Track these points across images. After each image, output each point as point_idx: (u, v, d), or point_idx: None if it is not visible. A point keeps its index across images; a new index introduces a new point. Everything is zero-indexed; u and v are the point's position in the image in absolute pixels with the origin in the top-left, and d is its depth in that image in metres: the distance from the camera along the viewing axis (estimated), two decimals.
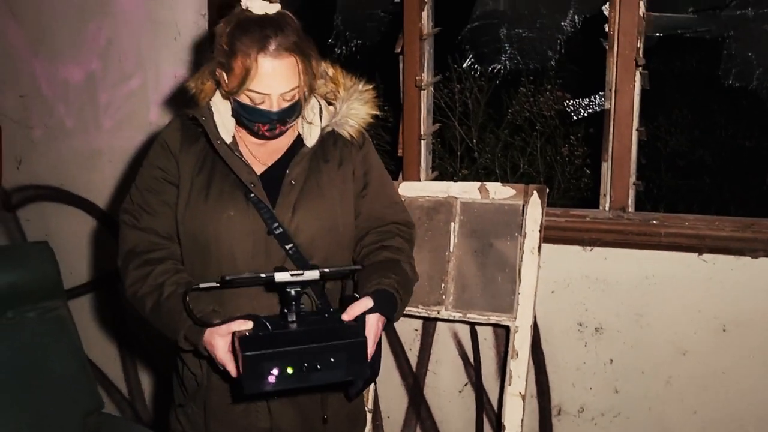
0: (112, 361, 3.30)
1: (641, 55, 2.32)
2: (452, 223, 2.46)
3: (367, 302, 1.55)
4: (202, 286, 1.51)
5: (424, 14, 2.55)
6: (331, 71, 1.75)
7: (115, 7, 2.96)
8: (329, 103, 1.75)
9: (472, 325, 2.59)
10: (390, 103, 2.61)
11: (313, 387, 1.52)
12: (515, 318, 2.34)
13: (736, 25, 2.45)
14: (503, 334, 2.55)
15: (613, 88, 2.35)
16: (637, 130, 2.37)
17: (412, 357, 2.73)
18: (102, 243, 3.22)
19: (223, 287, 1.51)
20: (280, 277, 1.45)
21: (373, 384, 2.42)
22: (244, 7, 1.58)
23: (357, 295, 1.59)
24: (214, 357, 1.54)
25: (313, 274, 1.46)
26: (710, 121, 5.09)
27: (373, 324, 1.55)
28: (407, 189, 2.51)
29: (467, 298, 2.44)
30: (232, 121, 1.69)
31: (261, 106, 1.57)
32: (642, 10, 2.31)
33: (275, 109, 1.57)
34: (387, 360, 2.70)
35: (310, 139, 1.71)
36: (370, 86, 1.77)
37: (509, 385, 2.32)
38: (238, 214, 1.64)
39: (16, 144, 3.29)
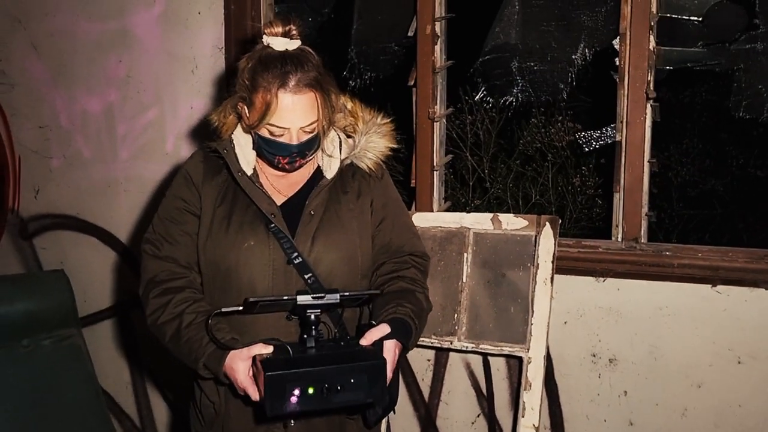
0: (124, 389, 3.30)
1: (652, 89, 2.34)
2: (465, 254, 2.47)
3: (384, 328, 1.57)
4: (225, 310, 1.53)
5: (437, 48, 2.59)
6: (350, 105, 1.79)
7: (134, 40, 3.03)
8: (348, 136, 1.79)
9: (485, 355, 2.59)
10: (403, 135, 2.65)
11: (333, 409, 1.53)
12: (528, 349, 2.33)
13: (746, 59, 2.47)
14: (516, 365, 2.54)
15: (624, 121, 2.38)
16: (648, 161, 2.38)
17: (425, 387, 2.72)
18: (117, 272, 3.25)
19: (245, 311, 1.52)
20: (302, 299, 1.47)
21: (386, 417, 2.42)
22: (265, 44, 1.62)
23: (374, 323, 1.61)
24: (234, 381, 1.55)
25: (333, 297, 1.48)
26: (721, 151, 5.10)
27: (391, 349, 1.56)
28: (420, 219, 2.53)
29: (480, 328, 2.44)
30: (253, 153, 1.73)
31: (281, 139, 1.61)
32: (652, 44, 2.34)
33: (295, 142, 1.61)
34: (399, 390, 2.68)
35: (330, 171, 1.74)
36: (388, 120, 1.81)
37: (522, 416, 2.31)
38: (258, 243, 1.67)
39: (35, 173, 3.35)
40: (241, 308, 1.51)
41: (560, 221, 2.40)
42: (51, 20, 3.19)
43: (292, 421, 1.69)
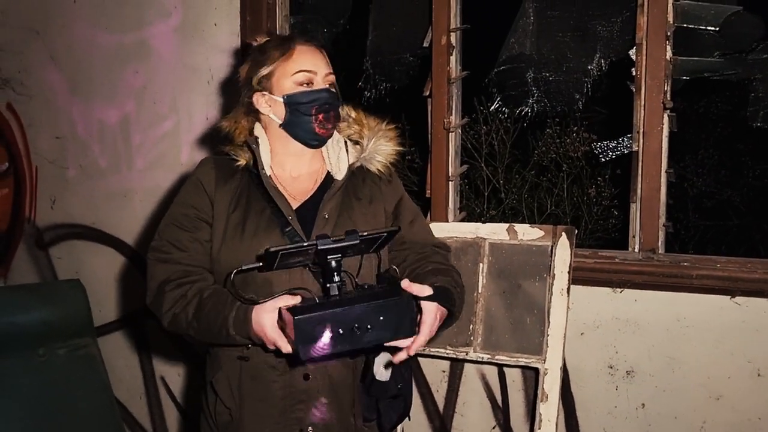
0: (138, 399, 3.31)
1: (669, 98, 2.33)
2: (480, 264, 2.46)
3: (426, 289, 1.54)
4: (245, 267, 1.54)
5: (452, 58, 2.60)
6: (354, 114, 1.83)
7: (151, 52, 3.06)
8: (355, 143, 1.81)
9: (501, 366, 2.57)
10: (418, 145, 2.65)
11: (364, 349, 1.56)
12: (544, 360, 2.32)
13: (763, 68, 2.46)
14: (532, 377, 2.52)
15: (641, 131, 2.37)
16: (666, 171, 2.37)
17: (439, 398, 2.70)
18: (131, 281, 3.26)
19: (266, 266, 1.51)
20: (323, 243, 1.46)
21: (400, 425, 2.40)
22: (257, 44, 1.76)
23: (394, 267, 1.64)
24: (263, 336, 1.52)
25: (353, 238, 1.48)
26: (737, 161, 5.07)
27: (432, 311, 1.54)
28: (436, 229, 2.48)
29: (495, 339, 2.42)
30: (269, 157, 1.74)
31: (312, 87, 1.69)
32: (668, 54, 2.33)
33: (325, 86, 1.69)
34: (414, 401, 2.67)
35: (340, 173, 1.76)
36: (394, 126, 1.84)
37: (539, 428, 2.29)
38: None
39: (51, 183, 3.38)
40: (260, 265, 1.51)
41: (576, 231, 2.39)
42: (69, 32, 3.23)
43: (310, 428, 1.69)
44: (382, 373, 1.70)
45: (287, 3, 2.86)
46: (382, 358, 1.72)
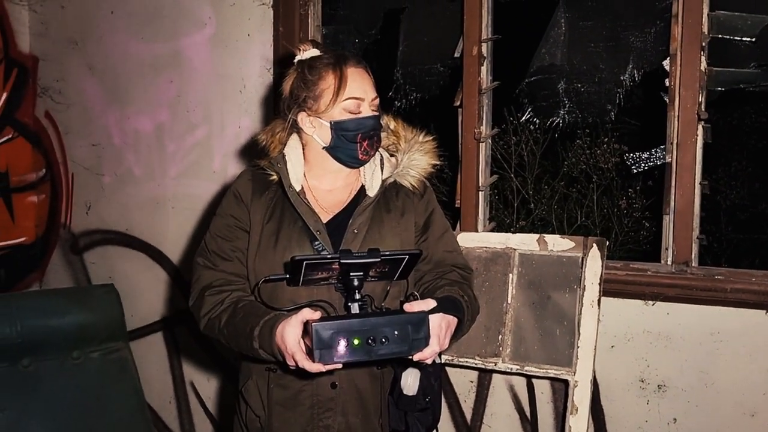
0: (167, 404, 3.35)
1: (703, 109, 2.31)
2: (510, 275, 2.45)
3: (429, 302, 1.55)
4: (272, 276, 1.62)
5: (483, 69, 2.60)
6: (393, 124, 1.83)
7: (185, 61, 3.11)
8: (391, 155, 1.81)
9: (529, 378, 2.56)
10: (447, 155, 2.66)
11: (379, 361, 1.62)
12: (574, 372, 2.29)
13: None
14: (561, 389, 2.50)
15: (675, 142, 2.34)
16: (700, 183, 2.34)
17: (467, 409, 2.69)
18: (163, 287, 3.31)
19: (292, 277, 1.57)
20: (345, 257, 1.51)
21: None
22: (303, 57, 1.73)
23: (416, 293, 1.64)
24: (284, 351, 1.54)
25: (374, 256, 1.52)
26: None
27: (437, 324, 1.54)
28: (465, 240, 2.52)
29: (524, 350, 2.41)
30: (302, 170, 1.76)
31: (360, 115, 1.68)
32: (703, 65, 2.31)
33: (371, 113, 1.69)
34: (442, 411, 2.67)
35: (372, 189, 1.76)
36: (431, 137, 1.83)
37: None
38: None
39: (87, 190, 3.44)
40: (286, 276, 1.59)
41: (607, 243, 2.37)
42: (106, 42, 3.30)
43: None
44: (409, 387, 1.71)
45: (319, 14, 2.90)
46: (409, 372, 1.73)
